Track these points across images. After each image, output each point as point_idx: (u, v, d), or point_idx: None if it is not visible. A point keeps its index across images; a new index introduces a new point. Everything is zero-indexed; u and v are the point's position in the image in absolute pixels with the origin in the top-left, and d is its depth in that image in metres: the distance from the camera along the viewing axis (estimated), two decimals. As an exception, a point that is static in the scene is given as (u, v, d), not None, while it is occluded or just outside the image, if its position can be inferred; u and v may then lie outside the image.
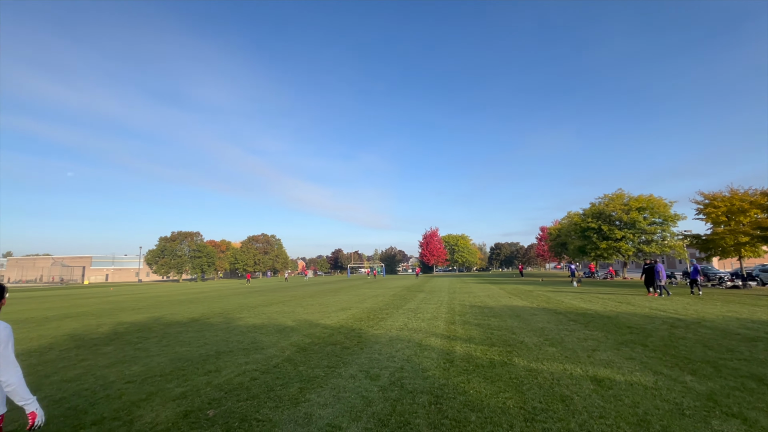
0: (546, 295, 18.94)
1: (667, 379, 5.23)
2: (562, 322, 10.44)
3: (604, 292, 20.26)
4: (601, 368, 5.78)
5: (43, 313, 16.66)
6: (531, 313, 12.28)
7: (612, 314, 11.74)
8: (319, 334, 9.25)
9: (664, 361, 6.14)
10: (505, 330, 9.27)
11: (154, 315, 14.66)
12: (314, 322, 11.42)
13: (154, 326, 11.55)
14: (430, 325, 10.30)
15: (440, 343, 7.91)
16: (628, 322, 10.04)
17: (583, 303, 15.09)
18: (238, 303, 18.72)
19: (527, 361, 6.27)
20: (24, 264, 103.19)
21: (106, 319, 13.60)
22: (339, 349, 7.50)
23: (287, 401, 4.69)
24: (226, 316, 13.66)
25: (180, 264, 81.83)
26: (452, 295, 20.10)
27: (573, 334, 8.55)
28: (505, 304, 15.13)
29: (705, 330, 8.84)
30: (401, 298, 19.40)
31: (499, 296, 19.15)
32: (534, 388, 4.94)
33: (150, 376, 5.98)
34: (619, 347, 7.19)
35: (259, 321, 12.03)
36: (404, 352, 7.16)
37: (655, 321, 10.25)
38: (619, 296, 17.86)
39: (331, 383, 5.36)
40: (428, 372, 5.75)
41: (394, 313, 13.01)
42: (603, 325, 9.67)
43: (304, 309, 15.12)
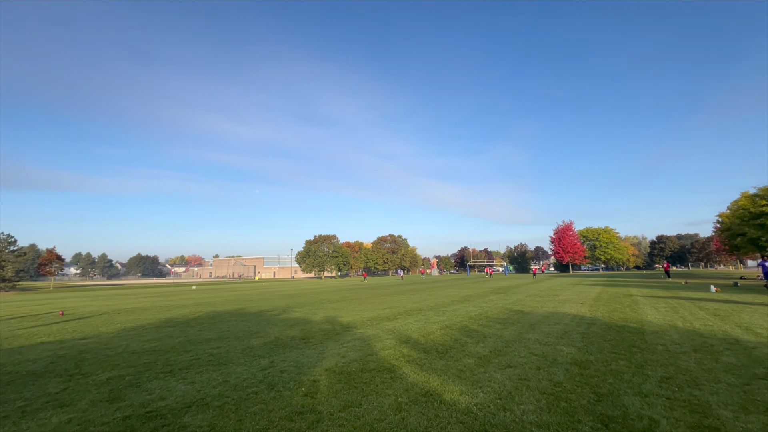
0: (674, 305, 15.77)
1: None
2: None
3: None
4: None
5: (196, 300, 22.77)
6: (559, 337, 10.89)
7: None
8: (294, 335, 10.57)
9: None
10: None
11: (241, 306, 18.49)
12: (331, 319, 12.81)
13: (224, 315, 14.88)
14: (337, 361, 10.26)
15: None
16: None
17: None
18: (313, 299, 21.61)
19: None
20: (221, 263, 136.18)
21: (213, 307, 17.94)
22: (286, 341, 8.69)
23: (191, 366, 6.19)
24: (283, 309, 16.31)
25: (321, 263, 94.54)
26: (489, 301, 18.64)
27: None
28: (566, 312, 13.53)
29: None
30: (439, 305, 19.07)
31: (575, 301, 16.82)
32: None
33: (183, 342, 8.38)
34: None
35: (294, 315, 14.12)
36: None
37: None
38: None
39: (222, 369, 6.64)
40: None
41: (375, 325, 13.32)
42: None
43: (351, 309, 16.66)
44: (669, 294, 19.60)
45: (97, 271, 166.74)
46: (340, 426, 4.06)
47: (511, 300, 18.03)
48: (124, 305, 21.16)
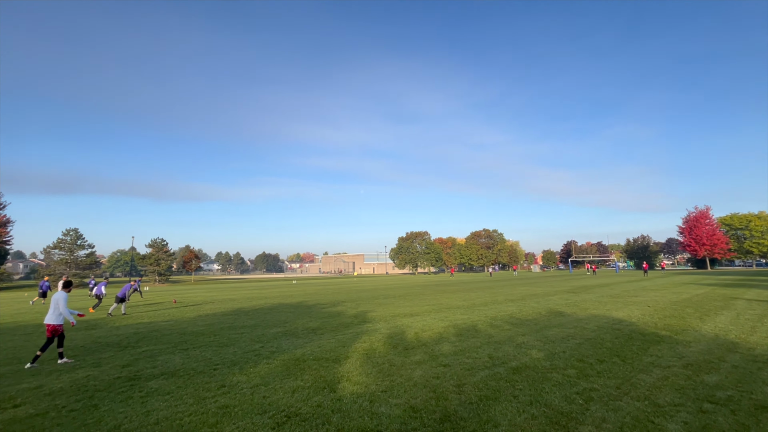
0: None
1: None
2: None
3: None
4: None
5: (289, 292, 26.37)
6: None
7: None
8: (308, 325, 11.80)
9: None
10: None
11: (304, 299, 20.84)
12: (362, 314, 13.87)
13: (282, 307, 17.19)
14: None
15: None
16: None
17: None
18: (374, 294, 22.97)
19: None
20: (328, 260, 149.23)
21: (283, 300, 20.71)
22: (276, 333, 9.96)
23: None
24: (333, 303, 18.03)
25: (414, 259, 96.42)
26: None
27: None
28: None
29: None
30: (480, 304, 18.27)
31: (643, 304, 14.71)
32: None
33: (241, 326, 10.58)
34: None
35: (336, 309, 15.56)
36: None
37: None
38: None
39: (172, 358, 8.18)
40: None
41: (389, 321, 13.51)
42: None
43: (393, 305, 17.52)
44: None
45: (232, 267, 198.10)
46: (231, 398, 4.99)
47: (569, 301, 16.50)
48: (225, 296, 25.58)
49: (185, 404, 4.83)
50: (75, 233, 53.64)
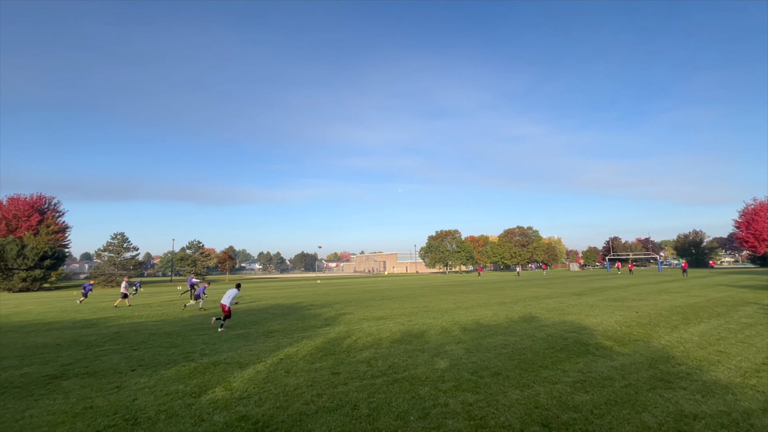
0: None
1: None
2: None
3: None
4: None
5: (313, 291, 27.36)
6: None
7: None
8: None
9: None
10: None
11: (314, 300, 21.44)
12: (340, 316, 14.12)
13: (285, 307, 17.85)
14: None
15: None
16: None
17: None
18: (375, 296, 23.13)
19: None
20: (362, 259, 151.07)
21: (293, 300, 21.49)
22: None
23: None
24: (327, 304, 18.42)
25: (444, 258, 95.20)
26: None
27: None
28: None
29: None
30: (469, 306, 17.74)
31: (635, 309, 13.71)
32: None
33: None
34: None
35: (323, 311, 15.96)
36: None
37: None
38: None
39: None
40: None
41: (355, 323, 13.45)
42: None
43: (379, 307, 17.62)
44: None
45: (273, 266, 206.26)
46: (106, 399, 5.40)
47: (560, 305, 15.77)
48: (245, 295, 26.85)
49: (66, 403, 5.30)
50: (122, 237, 58.53)
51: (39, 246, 48.03)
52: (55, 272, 50.93)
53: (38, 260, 47.38)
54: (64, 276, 57.06)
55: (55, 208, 59.37)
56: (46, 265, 48.54)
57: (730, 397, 4.72)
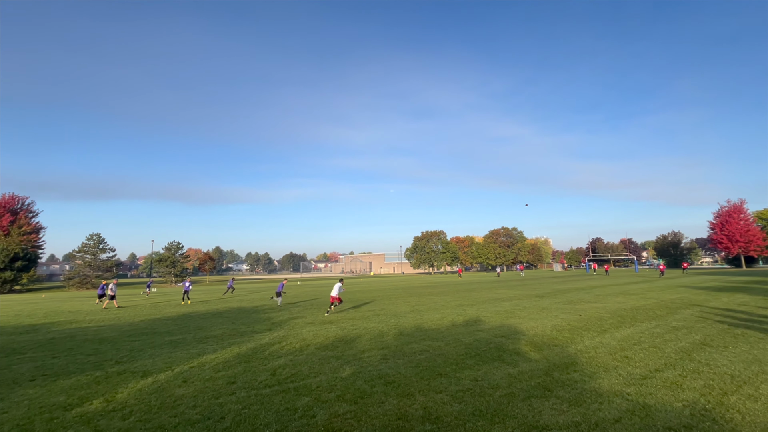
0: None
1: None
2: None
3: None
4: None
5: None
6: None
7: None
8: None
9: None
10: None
11: (266, 304, 21.20)
12: (266, 319, 13.97)
13: (232, 312, 17.61)
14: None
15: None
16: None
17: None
18: (348, 298, 23.03)
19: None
20: (347, 260, 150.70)
21: (253, 303, 21.21)
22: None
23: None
24: (285, 308, 18.23)
25: (429, 259, 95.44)
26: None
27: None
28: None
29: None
30: (409, 311, 17.71)
31: (575, 312, 13.85)
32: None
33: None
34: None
35: (269, 315, 15.77)
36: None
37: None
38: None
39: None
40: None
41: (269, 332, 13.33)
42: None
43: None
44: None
45: (260, 267, 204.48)
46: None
47: (515, 307, 15.87)
48: (208, 297, 26.50)
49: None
50: (98, 237, 57.42)
51: (10, 247, 46.81)
52: (27, 274, 49.68)
53: (8, 262, 46.19)
54: (37, 278, 55.70)
55: (28, 209, 57.95)
56: (17, 267, 47.33)
57: (594, 407, 4.73)
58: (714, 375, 5.89)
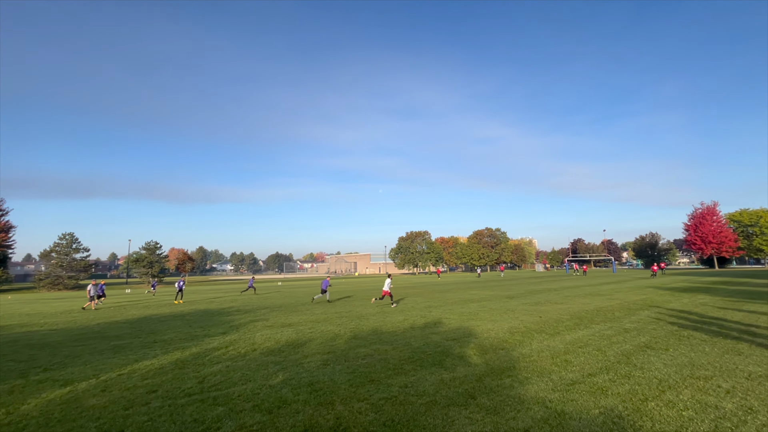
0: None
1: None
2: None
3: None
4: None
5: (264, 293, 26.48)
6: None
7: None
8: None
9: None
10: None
11: (237, 305, 20.75)
12: (227, 322, 13.63)
13: (195, 313, 17.14)
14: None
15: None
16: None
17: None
18: (307, 300, 22.70)
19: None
20: (332, 260, 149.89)
21: (221, 305, 20.70)
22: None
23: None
24: (251, 310, 17.83)
25: (414, 259, 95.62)
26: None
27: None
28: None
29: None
30: (369, 315, 17.62)
31: (537, 313, 13.87)
32: None
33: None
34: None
35: (230, 318, 15.42)
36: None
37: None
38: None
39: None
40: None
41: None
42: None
43: (283, 315, 17.17)
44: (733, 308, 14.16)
45: (245, 267, 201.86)
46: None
47: (482, 309, 15.86)
48: (175, 299, 25.84)
49: None
50: (71, 237, 55.70)
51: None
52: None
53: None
54: (7, 278, 53.71)
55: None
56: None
57: (510, 416, 4.61)
58: (643, 379, 5.86)
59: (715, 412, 4.59)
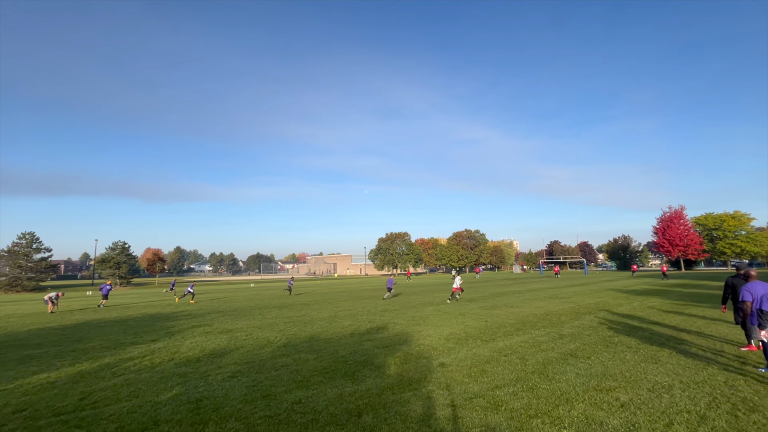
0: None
1: None
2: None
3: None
4: None
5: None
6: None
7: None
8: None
9: None
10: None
11: (187, 310, 19.99)
12: (159, 328, 13.01)
13: (140, 319, 16.36)
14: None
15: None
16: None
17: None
18: (265, 304, 22.11)
19: None
20: (312, 261, 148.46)
21: (176, 309, 19.88)
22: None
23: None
24: (201, 315, 17.17)
25: (392, 260, 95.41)
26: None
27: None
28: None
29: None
30: (308, 321, 17.32)
31: (476, 317, 13.73)
32: None
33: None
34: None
35: (179, 324, 14.74)
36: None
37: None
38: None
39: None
40: None
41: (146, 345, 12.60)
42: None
43: (225, 322, 16.67)
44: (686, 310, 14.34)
45: (224, 268, 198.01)
46: None
47: (436, 312, 15.60)
48: (134, 302, 24.81)
49: None
50: (31, 236, 53.23)
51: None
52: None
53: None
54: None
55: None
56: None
57: (383, 436, 4.31)
58: (546, 392, 5.65)
59: (597, 429, 4.40)
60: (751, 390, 5.57)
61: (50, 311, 20.06)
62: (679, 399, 5.26)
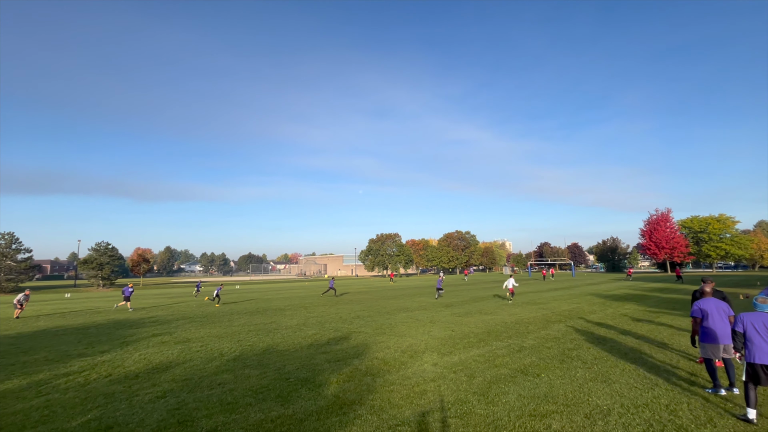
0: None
1: None
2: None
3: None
4: None
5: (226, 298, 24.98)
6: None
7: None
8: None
9: None
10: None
11: (155, 315, 19.49)
12: (116, 335, 12.57)
13: (106, 325, 15.86)
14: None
15: None
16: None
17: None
18: (241, 309, 21.71)
19: None
20: (303, 262, 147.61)
21: (148, 314, 19.35)
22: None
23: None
24: (175, 319, 16.70)
25: (383, 261, 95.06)
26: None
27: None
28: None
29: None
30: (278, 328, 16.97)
31: (449, 323, 13.44)
32: None
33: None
34: None
35: (148, 331, 14.29)
36: None
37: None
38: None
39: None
40: None
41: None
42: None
43: (188, 329, 16.28)
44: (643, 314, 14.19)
45: (215, 268, 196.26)
46: None
47: (409, 318, 15.32)
48: (108, 305, 24.20)
49: None
50: (10, 237, 52.11)
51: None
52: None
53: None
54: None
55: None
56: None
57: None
58: (477, 418, 5.35)
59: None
60: (691, 416, 5.33)
61: (16, 316, 19.49)
62: (612, 427, 4.99)
